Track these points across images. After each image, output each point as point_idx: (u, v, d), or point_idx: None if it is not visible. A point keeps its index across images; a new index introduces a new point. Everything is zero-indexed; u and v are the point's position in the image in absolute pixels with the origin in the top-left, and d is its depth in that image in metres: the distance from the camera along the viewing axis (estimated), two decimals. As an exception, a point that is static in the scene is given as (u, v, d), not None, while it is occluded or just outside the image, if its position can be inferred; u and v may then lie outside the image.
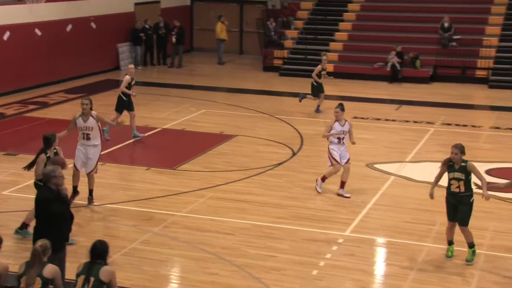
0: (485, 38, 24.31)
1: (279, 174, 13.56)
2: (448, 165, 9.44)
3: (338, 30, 26.20)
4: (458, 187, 9.37)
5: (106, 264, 6.84)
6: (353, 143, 12.29)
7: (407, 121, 17.96)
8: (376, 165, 14.14)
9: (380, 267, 9.70)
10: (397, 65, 23.63)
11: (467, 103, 20.86)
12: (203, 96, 20.98)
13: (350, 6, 26.94)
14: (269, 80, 24.40)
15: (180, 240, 10.26)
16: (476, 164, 9.32)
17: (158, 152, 15.28)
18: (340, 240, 10.37)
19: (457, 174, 9.36)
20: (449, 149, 15.34)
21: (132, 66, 16.30)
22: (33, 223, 8.31)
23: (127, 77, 15.54)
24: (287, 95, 21.88)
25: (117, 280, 6.86)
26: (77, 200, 11.31)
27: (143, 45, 26.20)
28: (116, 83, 23.60)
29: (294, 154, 14.97)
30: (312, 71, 18.27)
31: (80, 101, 11.33)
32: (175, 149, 15.55)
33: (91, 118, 11.12)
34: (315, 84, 18.66)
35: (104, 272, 6.72)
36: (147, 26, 26.14)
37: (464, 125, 17.80)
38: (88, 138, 11.11)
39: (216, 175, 13.43)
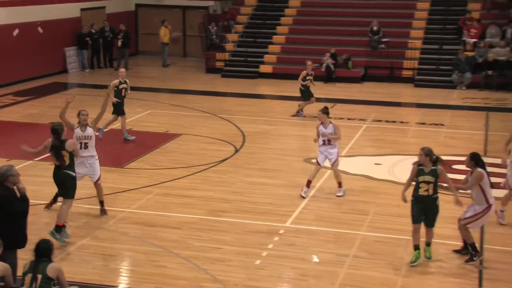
0: (410, 41, 24.85)
1: (223, 170, 13.56)
2: (418, 169, 9.18)
3: (276, 34, 26.34)
4: (427, 190, 9.05)
5: (51, 261, 6.82)
6: (335, 139, 11.89)
7: (341, 118, 18.17)
8: (313, 160, 14.27)
9: (318, 255, 9.81)
10: (331, 66, 23.91)
11: (395, 101, 21.27)
12: (149, 97, 20.79)
13: (287, 11, 27.12)
14: (211, 81, 24.35)
15: (130, 235, 10.16)
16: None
17: (107, 151, 15.06)
18: (281, 231, 10.44)
19: (427, 177, 9.05)
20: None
21: (123, 70, 16.10)
22: None
23: (115, 81, 15.41)
24: (229, 95, 21.90)
25: (66, 276, 6.78)
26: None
27: (90, 49, 25.88)
28: (64, 86, 23.23)
29: (236, 151, 14.99)
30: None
31: (79, 112, 10.88)
32: (123, 148, 15.36)
33: (88, 128, 10.88)
34: (302, 88, 18.58)
35: (50, 269, 6.74)
36: (93, 31, 25.78)
37: (393, 121, 18.16)
38: (86, 147, 10.82)
39: (163, 172, 13.34)
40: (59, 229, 9.73)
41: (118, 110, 15.47)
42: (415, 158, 14.07)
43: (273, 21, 26.80)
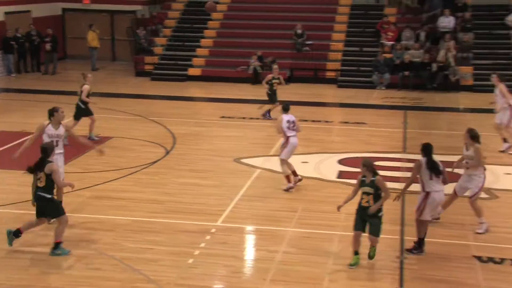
0: (332, 43, 25.33)
1: (154, 172, 13.43)
2: (361, 180, 9.11)
3: (203, 37, 26.29)
4: (368, 201, 8.96)
5: None
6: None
7: (269, 119, 18.33)
8: (243, 160, 14.36)
9: (250, 253, 9.88)
10: (258, 68, 24.08)
11: (320, 101, 21.63)
12: (78, 101, 20.31)
13: (214, 15, 27.08)
14: (141, 84, 24.06)
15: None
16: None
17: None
18: (213, 230, 10.45)
19: (366, 189, 8.97)
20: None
21: (90, 75, 15.81)
22: None
23: (87, 86, 15.25)
24: (159, 98, 21.69)
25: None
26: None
27: (16, 53, 25.10)
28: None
29: (167, 152, 14.89)
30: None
31: (53, 108, 10.57)
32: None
33: (61, 126, 10.54)
34: (269, 92, 18.49)
35: None
36: (18, 35, 25.02)
37: (318, 121, 18.45)
38: (57, 145, 10.43)
39: (94, 175, 13.10)
40: (57, 245, 9.45)
41: (86, 112, 15.53)
42: (340, 156, 14.48)
43: (201, 25, 26.73)
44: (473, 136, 10.17)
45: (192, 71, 24.84)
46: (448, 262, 9.05)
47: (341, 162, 14.14)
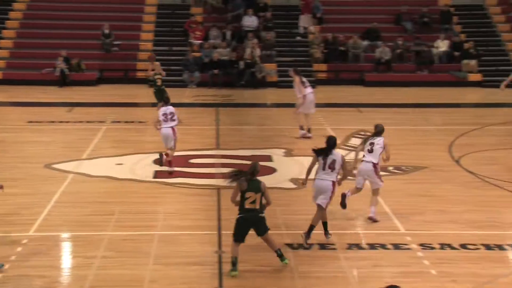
0: (141, 43, 25.14)
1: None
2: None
3: (2, 38, 24.70)
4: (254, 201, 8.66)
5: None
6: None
7: (80, 122, 17.74)
8: (54, 165, 13.71)
9: (66, 261, 9.47)
10: (66, 70, 23.15)
11: (132, 101, 21.36)
12: None
13: (12, 14, 25.60)
14: None
15: None
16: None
17: None
18: (25, 241, 9.85)
19: (250, 193, 8.62)
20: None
21: None
22: None
23: None
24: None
25: None
26: None
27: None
28: None
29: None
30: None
31: None
32: None
33: None
34: (155, 90, 17.48)
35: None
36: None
37: (132, 122, 18.21)
38: None
39: None
40: None
41: None
42: (155, 156, 14.39)
43: (-2, 24, 25.13)
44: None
45: (-8, 74, 23.25)
46: (264, 252, 9.39)
47: (156, 162, 14.07)
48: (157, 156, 13.67)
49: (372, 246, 9.77)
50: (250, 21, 25.34)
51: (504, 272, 9.00)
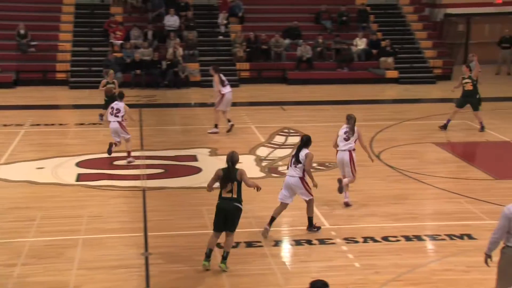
0: (60, 44, 24.47)
1: None
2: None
3: None
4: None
5: None
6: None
7: (-4, 125, 17.08)
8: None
9: (-15, 270, 9.08)
10: (-21, 72, 22.26)
11: (52, 103, 20.77)
12: None
13: None
14: None
15: None
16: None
17: None
18: None
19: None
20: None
21: None
22: None
23: None
24: None
25: None
26: None
27: None
28: None
29: None
30: None
31: None
32: None
33: None
34: (106, 98, 16.58)
35: None
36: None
37: (52, 124, 17.68)
38: None
39: None
40: None
41: None
42: (78, 159, 14.05)
43: None
44: None
45: None
46: (192, 253, 9.34)
47: (79, 164, 13.74)
48: (80, 159, 13.36)
49: (298, 242, 9.90)
50: (171, 20, 25.12)
51: (422, 262, 9.32)
